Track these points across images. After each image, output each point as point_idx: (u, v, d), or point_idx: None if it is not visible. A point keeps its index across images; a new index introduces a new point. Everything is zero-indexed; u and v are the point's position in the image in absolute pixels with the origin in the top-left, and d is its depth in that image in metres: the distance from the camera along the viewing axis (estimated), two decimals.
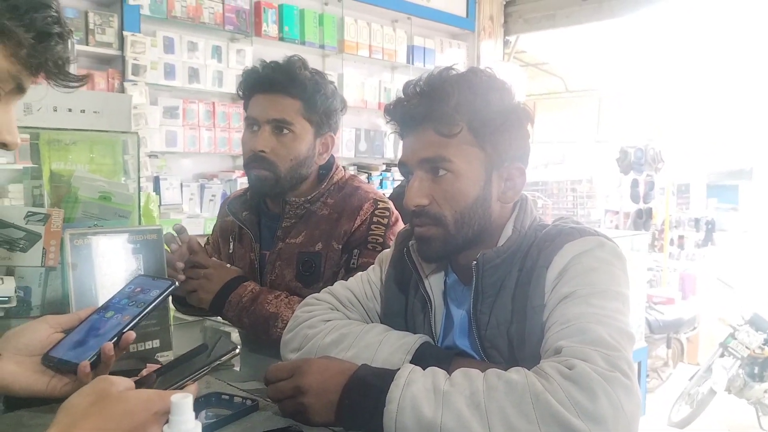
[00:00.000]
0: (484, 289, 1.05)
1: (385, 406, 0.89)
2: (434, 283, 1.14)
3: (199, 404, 1.11)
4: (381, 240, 1.48)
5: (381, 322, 1.21)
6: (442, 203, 1.06)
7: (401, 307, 1.19)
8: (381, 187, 5.03)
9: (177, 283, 1.18)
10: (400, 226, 1.54)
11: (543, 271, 1.01)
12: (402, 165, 1.11)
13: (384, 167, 5.16)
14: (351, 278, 1.29)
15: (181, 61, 3.86)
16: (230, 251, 1.63)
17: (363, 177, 4.92)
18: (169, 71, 3.80)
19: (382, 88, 5.04)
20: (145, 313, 1.09)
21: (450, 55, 5.56)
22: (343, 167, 1.66)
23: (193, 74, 3.90)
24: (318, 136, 1.54)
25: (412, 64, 5.21)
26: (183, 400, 0.72)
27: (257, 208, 1.61)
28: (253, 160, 1.49)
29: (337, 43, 4.67)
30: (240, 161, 4.28)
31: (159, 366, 0.96)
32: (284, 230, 1.54)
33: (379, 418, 0.89)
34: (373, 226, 1.49)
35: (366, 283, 1.26)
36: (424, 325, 1.14)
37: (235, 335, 1.62)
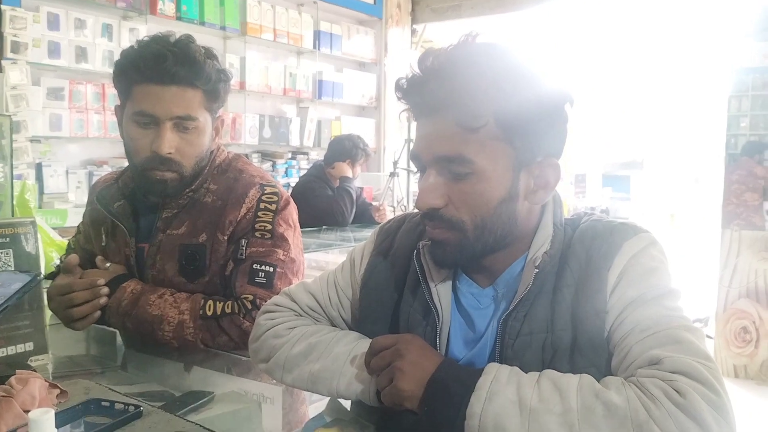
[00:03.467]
0: (527, 295, 0.93)
1: (465, 420, 0.82)
2: (443, 293, 1.00)
3: (77, 412, 1.02)
4: (270, 227, 1.39)
5: (353, 329, 1.09)
6: (461, 207, 0.92)
7: (386, 314, 1.05)
8: (286, 176, 4.93)
9: (42, 276, 1.07)
10: (291, 210, 1.46)
11: (604, 273, 0.91)
12: (415, 158, 0.96)
13: (290, 155, 5.06)
14: (314, 279, 1.16)
15: (68, 39, 3.60)
16: (103, 244, 1.48)
17: (267, 165, 4.80)
18: (54, 50, 3.54)
19: (288, 73, 4.92)
20: (2, 308, 0.97)
21: (357, 42, 5.51)
22: (248, 154, 1.55)
23: (81, 53, 3.65)
24: (213, 122, 1.42)
25: (319, 49, 5.13)
26: (43, 416, 0.65)
27: (132, 197, 1.46)
28: (158, 162, 1.33)
29: (240, 25, 4.51)
30: None
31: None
32: (165, 221, 1.41)
33: (460, 429, 0.83)
34: (260, 213, 1.39)
35: (332, 286, 1.13)
36: (425, 337, 1.00)
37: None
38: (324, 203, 3.62)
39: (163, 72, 1.30)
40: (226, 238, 1.39)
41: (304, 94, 5.08)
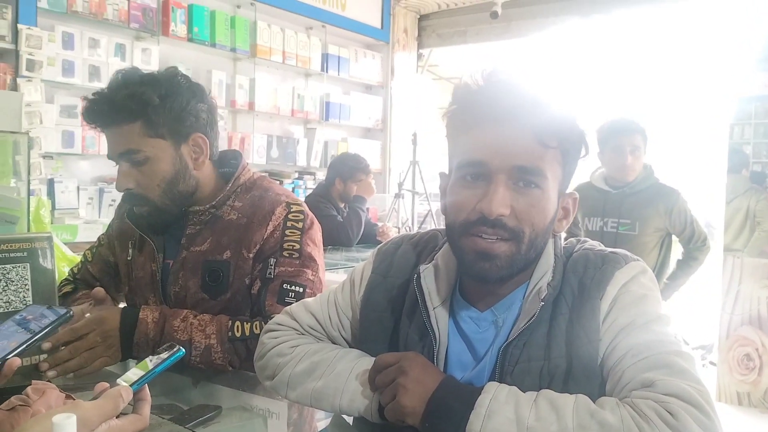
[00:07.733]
0: (529, 325, 0.95)
1: None
2: (440, 316, 1.02)
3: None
4: (298, 246, 1.39)
5: (354, 348, 1.11)
6: (524, 218, 0.94)
7: (385, 334, 1.07)
8: None
9: (72, 313, 1.13)
10: (317, 229, 1.47)
11: (597, 301, 0.95)
12: (479, 164, 0.94)
13: (296, 175, 5.10)
14: (315, 298, 1.19)
15: (81, 58, 3.67)
16: (129, 258, 1.51)
17: None
18: (68, 68, 3.60)
19: (296, 94, 4.99)
20: (34, 340, 1.07)
21: (364, 65, 5.59)
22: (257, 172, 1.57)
23: (94, 72, 3.71)
24: (181, 145, 1.38)
25: (327, 72, 5.20)
26: (66, 421, 0.69)
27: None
28: (128, 198, 1.42)
29: (250, 47, 4.58)
30: None
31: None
32: (189, 238, 1.43)
33: None
34: (287, 232, 1.40)
35: (332, 306, 1.15)
36: None
37: None
38: (328, 223, 3.65)
39: (97, 120, 1.35)
40: (251, 255, 1.39)
41: (312, 115, 5.15)
